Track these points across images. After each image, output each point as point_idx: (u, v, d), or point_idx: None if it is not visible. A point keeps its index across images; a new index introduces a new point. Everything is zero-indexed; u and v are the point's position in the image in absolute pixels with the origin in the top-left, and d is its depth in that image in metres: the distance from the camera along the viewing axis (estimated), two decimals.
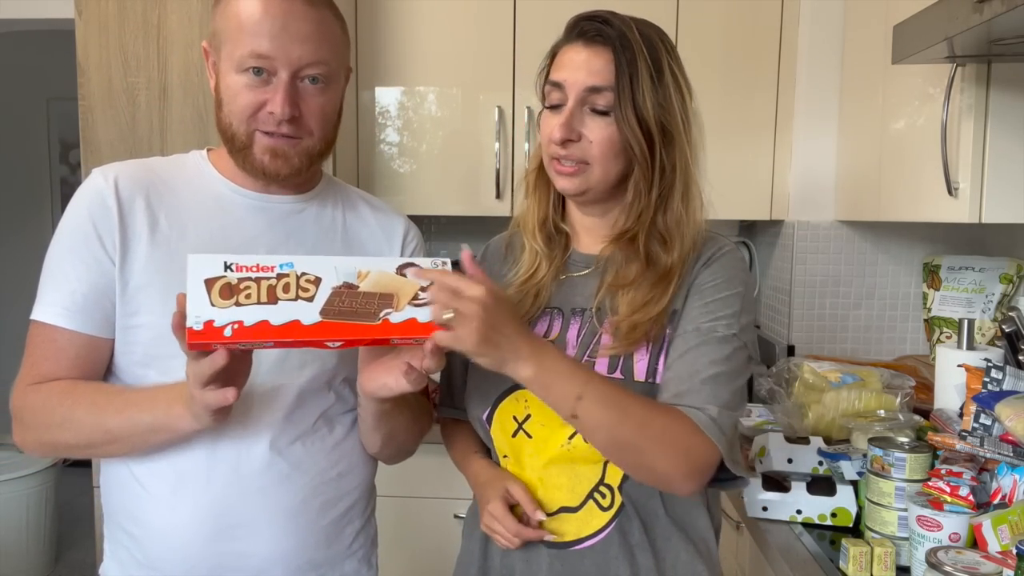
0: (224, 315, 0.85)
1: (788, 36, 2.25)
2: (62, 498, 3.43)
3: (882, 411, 1.65)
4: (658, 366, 1.01)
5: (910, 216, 1.71)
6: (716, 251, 1.05)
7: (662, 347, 1.01)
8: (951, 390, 1.52)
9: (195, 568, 1.05)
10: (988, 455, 1.28)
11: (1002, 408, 1.28)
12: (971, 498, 1.21)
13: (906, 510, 1.26)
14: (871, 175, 1.90)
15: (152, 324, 1.03)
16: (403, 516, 2.07)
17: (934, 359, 1.76)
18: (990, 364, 1.40)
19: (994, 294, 1.89)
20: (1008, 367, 1.39)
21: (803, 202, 2.25)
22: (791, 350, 2.22)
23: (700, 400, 0.96)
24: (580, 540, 1.04)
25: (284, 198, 1.12)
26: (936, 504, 1.21)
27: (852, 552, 1.23)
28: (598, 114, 1.00)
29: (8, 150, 4.50)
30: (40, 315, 1.04)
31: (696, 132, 1.05)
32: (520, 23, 2.26)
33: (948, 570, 1.05)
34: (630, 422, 0.93)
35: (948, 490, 1.22)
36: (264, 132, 1.03)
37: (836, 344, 2.24)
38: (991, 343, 1.78)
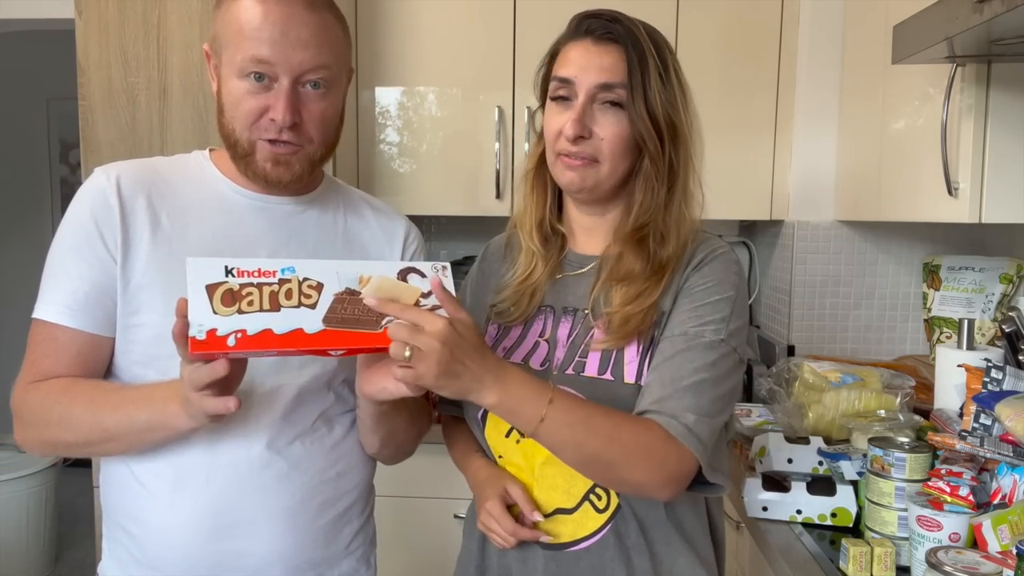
0: (227, 324, 0.84)
1: (788, 36, 2.25)
2: (62, 498, 3.43)
3: (882, 411, 1.65)
4: (646, 369, 1.01)
5: (910, 216, 1.71)
6: (708, 253, 1.04)
7: (651, 350, 1.01)
8: (951, 390, 1.52)
9: (194, 567, 1.05)
10: (988, 455, 1.28)
11: (1002, 408, 1.28)
12: (971, 498, 1.21)
13: (906, 510, 1.26)
14: (871, 175, 1.90)
15: (152, 323, 1.03)
16: (402, 516, 2.07)
17: (934, 359, 1.76)
18: (990, 364, 1.39)
19: (994, 294, 1.89)
20: (1008, 367, 1.39)
21: (803, 202, 2.25)
22: (791, 350, 2.22)
23: (680, 408, 0.95)
24: (576, 542, 1.04)
25: (286, 199, 1.12)
26: (936, 504, 1.21)
27: (852, 552, 1.23)
28: (610, 110, 1.01)
29: (8, 150, 4.50)
30: (42, 313, 1.04)
31: (696, 132, 1.06)
32: (520, 23, 2.26)
33: (948, 570, 1.05)
34: (597, 438, 0.93)
35: (948, 490, 1.22)
36: (266, 140, 1.03)
37: (836, 344, 2.23)
38: (991, 343, 1.78)
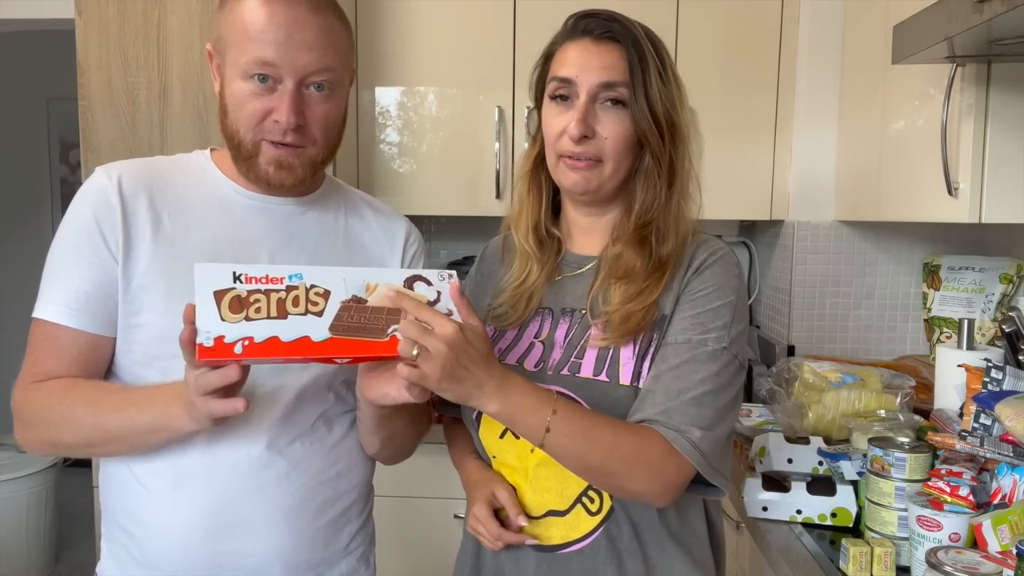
0: (234, 331, 0.84)
1: (788, 36, 2.25)
2: (62, 498, 3.43)
3: (882, 411, 1.65)
4: (642, 370, 1.00)
5: (910, 216, 1.71)
6: (709, 255, 1.04)
7: (647, 351, 1.01)
8: (951, 390, 1.52)
9: (193, 567, 1.05)
10: (988, 455, 1.28)
11: (1002, 408, 1.28)
12: (971, 498, 1.21)
13: (906, 510, 1.26)
14: (871, 175, 1.90)
15: (154, 324, 1.03)
16: (402, 516, 2.07)
17: (934, 359, 1.76)
18: (990, 364, 1.39)
19: (994, 294, 1.89)
20: (1008, 367, 1.39)
21: (803, 202, 2.25)
22: (791, 350, 2.22)
23: (685, 421, 0.95)
24: (567, 544, 1.03)
25: (287, 200, 1.12)
26: (936, 504, 1.21)
27: (852, 552, 1.23)
28: (612, 109, 1.01)
29: (8, 150, 4.50)
30: (42, 313, 1.04)
31: (694, 129, 1.06)
32: (520, 23, 2.26)
33: (948, 570, 1.05)
34: (599, 448, 0.93)
35: (948, 490, 1.22)
36: (270, 142, 1.03)
37: (836, 344, 2.23)
38: (991, 343, 1.78)
